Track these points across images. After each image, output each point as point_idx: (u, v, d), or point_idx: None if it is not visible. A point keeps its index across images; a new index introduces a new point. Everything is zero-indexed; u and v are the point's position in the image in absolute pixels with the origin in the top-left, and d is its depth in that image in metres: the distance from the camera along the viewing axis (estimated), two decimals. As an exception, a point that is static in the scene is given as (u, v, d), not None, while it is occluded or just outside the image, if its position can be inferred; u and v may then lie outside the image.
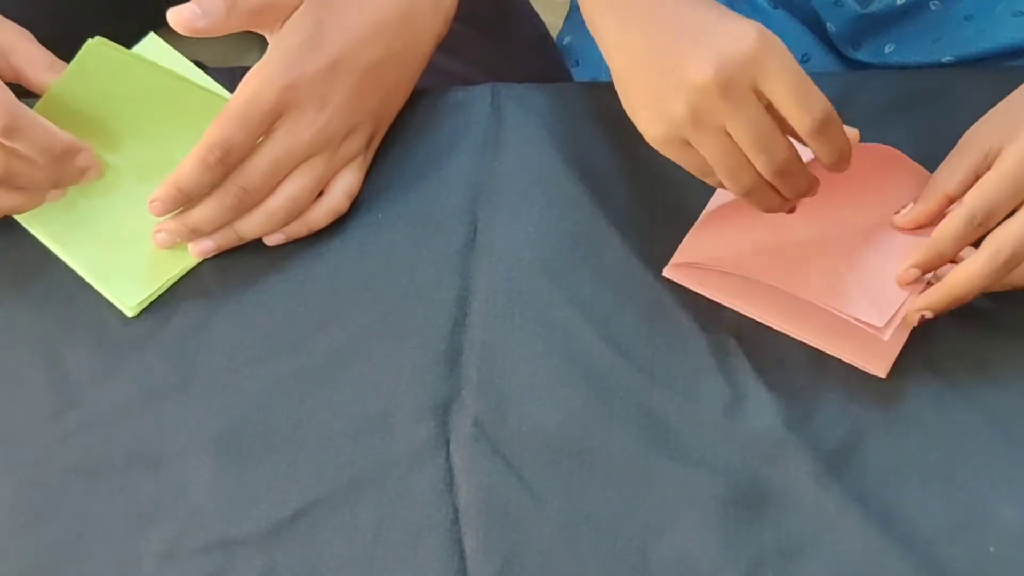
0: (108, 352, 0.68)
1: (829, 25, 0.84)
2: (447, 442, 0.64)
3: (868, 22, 0.82)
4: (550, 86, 0.76)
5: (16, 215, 0.71)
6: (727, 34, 0.58)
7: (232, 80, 0.70)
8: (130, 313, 0.69)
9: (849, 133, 0.62)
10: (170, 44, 0.74)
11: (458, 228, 0.70)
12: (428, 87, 0.76)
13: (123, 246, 0.70)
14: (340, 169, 0.69)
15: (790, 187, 0.62)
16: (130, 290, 0.69)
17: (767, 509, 0.62)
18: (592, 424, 0.64)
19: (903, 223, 0.66)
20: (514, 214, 0.70)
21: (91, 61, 0.69)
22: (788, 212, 0.66)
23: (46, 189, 0.69)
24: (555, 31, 0.95)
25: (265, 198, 0.68)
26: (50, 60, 0.70)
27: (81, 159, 0.69)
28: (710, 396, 0.65)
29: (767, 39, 0.58)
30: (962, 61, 0.80)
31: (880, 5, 0.81)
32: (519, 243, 0.69)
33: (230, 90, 0.69)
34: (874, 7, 0.81)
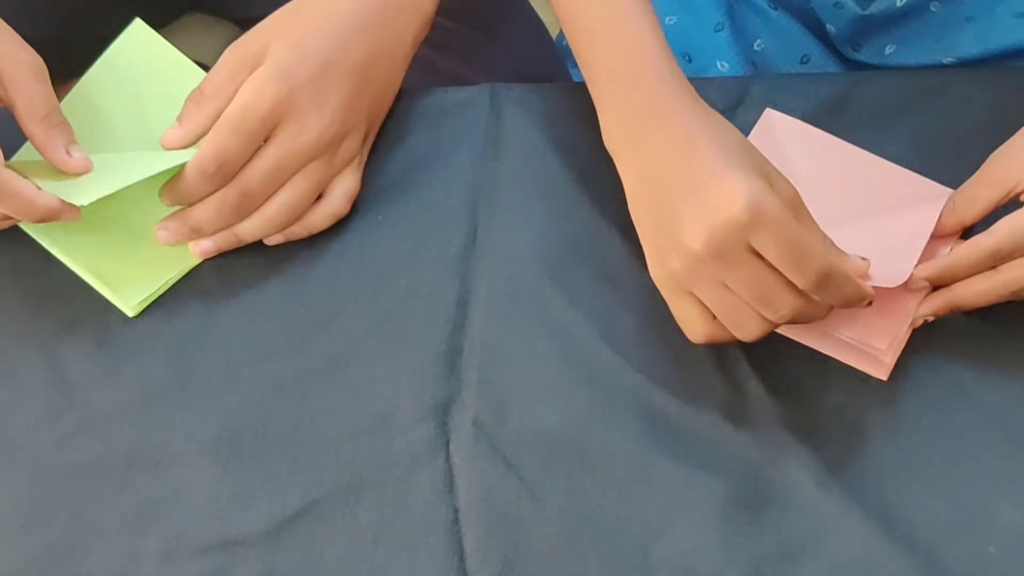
0: (108, 352, 0.68)
1: (829, 26, 0.84)
2: (447, 442, 0.64)
3: (868, 23, 0.82)
4: (550, 86, 0.76)
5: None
6: (718, 196, 0.58)
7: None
8: (131, 313, 0.69)
9: (855, 266, 0.62)
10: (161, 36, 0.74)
11: (458, 229, 0.70)
12: (428, 87, 0.76)
13: (123, 247, 0.70)
14: (339, 172, 0.70)
15: (805, 318, 0.61)
16: (130, 290, 0.69)
17: (768, 510, 0.62)
18: (592, 424, 0.64)
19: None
20: (514, 215, 0.70)
21: (131, 43, 0.70)
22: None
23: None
24: (555, 31, 0.95)
25: (266, 202, 0.68)
26: (47, 108, 0.67)
27: (66, 217, 0.66)
28: (710, 396, 0.65)
29: (756, 201, 0.57)
30: (963, 62, 0.80)
31: (880, 7, 0.81)
32: (519, 244, 0.69)
33: None
34: (874, 8, 0.81)
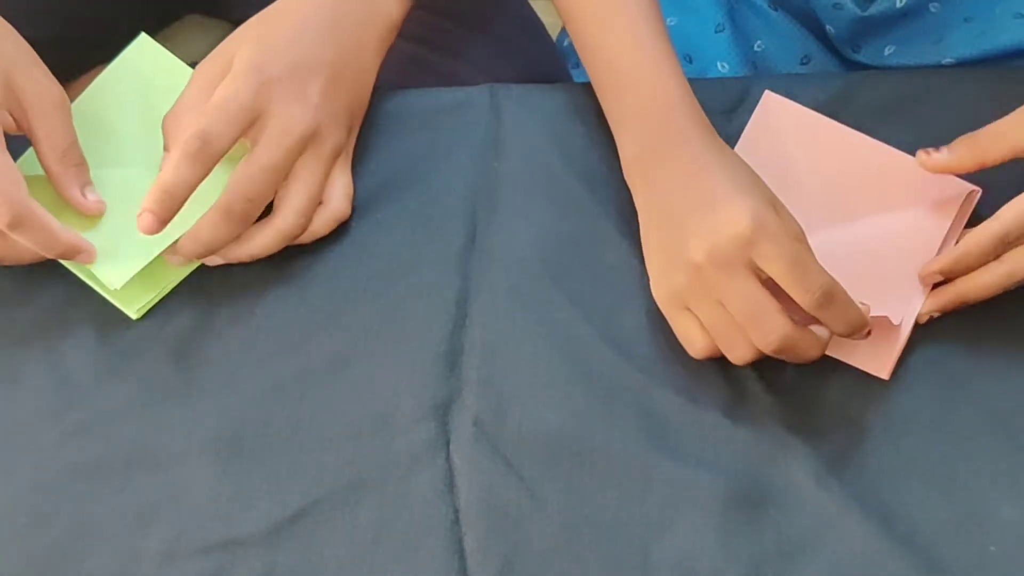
0: (109, 353, 0.68)
1: (829, 27, 0.84)
2: (447, 442, 0.64)
3: (868, 24, 0.82)
4: (549, 86, 0.76)
5: None
6: (725, 216, 0.61)
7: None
8: (134, 316, 0.69)
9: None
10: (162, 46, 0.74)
11: (458, 228, 0.70)
12: (428, 87, 0.76)
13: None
14: (331, 164, 0.69)
15: (794, 353, 0.62)
16: (133, 294, 0.69)
17: (767, 509, 0.62)
18: (592, 424, 0.64)
19: (930, 165, 0.66)
20: (514, 214, 0.70)
21: (136, 57, 0.70)
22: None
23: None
24: (555, 32, 0.95)
25: (269, 203, 0.68)
26: (66, 143, 0.68)
27: (81, 258, 0.67)
28: (710, 396, 0.65)
29: (761, 218, 0.61)
30: (962, 63, 0.80)
31: (880, 7, 0.81)
32: (519, 243, 0.69)
33: None
34: (874, 9, 0.81)
